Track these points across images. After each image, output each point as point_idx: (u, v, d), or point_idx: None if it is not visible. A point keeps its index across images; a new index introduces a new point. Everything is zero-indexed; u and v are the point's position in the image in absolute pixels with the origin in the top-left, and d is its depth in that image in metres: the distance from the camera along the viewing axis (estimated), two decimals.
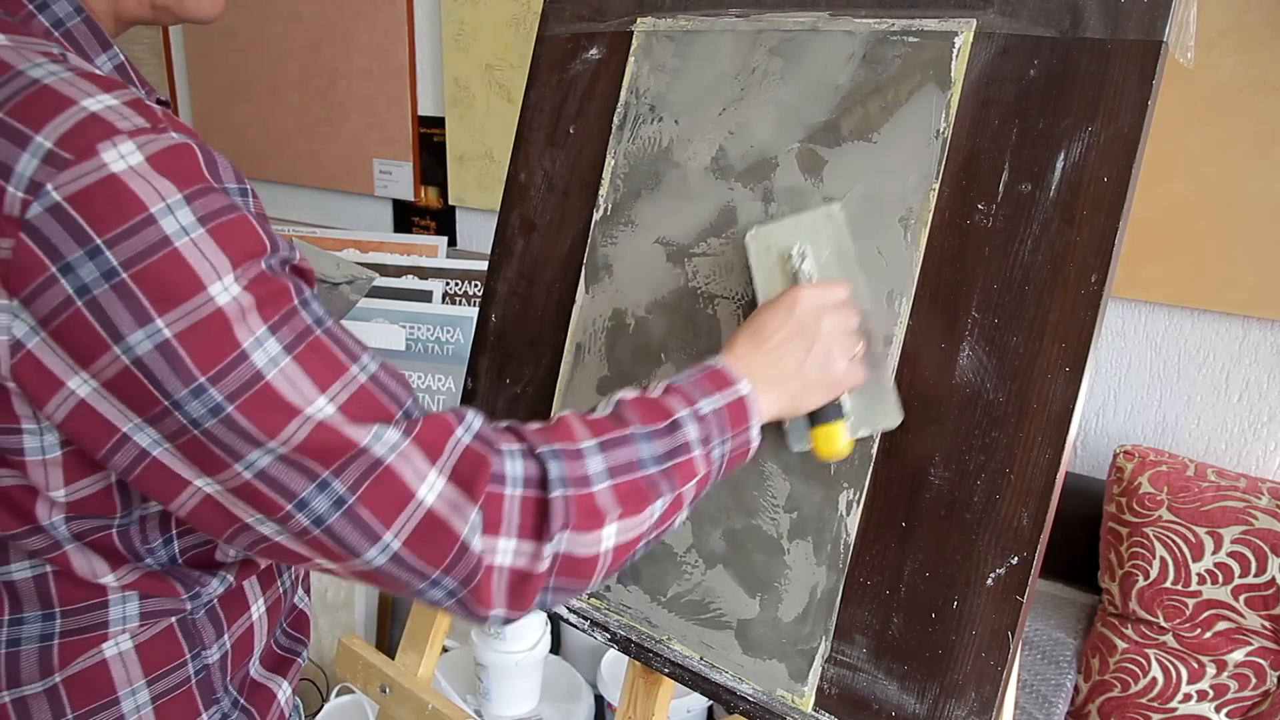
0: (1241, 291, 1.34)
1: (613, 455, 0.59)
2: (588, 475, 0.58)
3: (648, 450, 0.61)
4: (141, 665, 0.61)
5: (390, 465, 0.52)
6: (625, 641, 0.88)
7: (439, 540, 0.53)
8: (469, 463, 0.54)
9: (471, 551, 0.53)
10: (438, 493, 0.53)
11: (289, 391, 0.50)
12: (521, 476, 0.56)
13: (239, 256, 0.49)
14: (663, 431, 0.62)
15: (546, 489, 0.56)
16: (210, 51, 2.49)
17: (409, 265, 2.02)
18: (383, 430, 0.52)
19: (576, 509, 0.56)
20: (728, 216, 0.86)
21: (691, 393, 0.65)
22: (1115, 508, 1.35)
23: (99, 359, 0.48)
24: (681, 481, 0.62)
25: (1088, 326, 0.67)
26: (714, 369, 0.68)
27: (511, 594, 0.55)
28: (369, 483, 0.51)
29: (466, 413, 0.57)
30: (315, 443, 0.50)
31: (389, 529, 0.52)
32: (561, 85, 1.01)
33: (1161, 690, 1.30)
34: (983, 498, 0.71)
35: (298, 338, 0.51)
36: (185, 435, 0.49)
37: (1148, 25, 0.67)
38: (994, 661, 0.69)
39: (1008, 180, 0.72)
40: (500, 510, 0.54)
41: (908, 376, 0.75)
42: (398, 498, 0.52)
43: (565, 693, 1.62)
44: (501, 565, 0.54)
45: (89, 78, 0.50)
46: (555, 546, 0.55)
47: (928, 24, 0.77)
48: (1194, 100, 1.32)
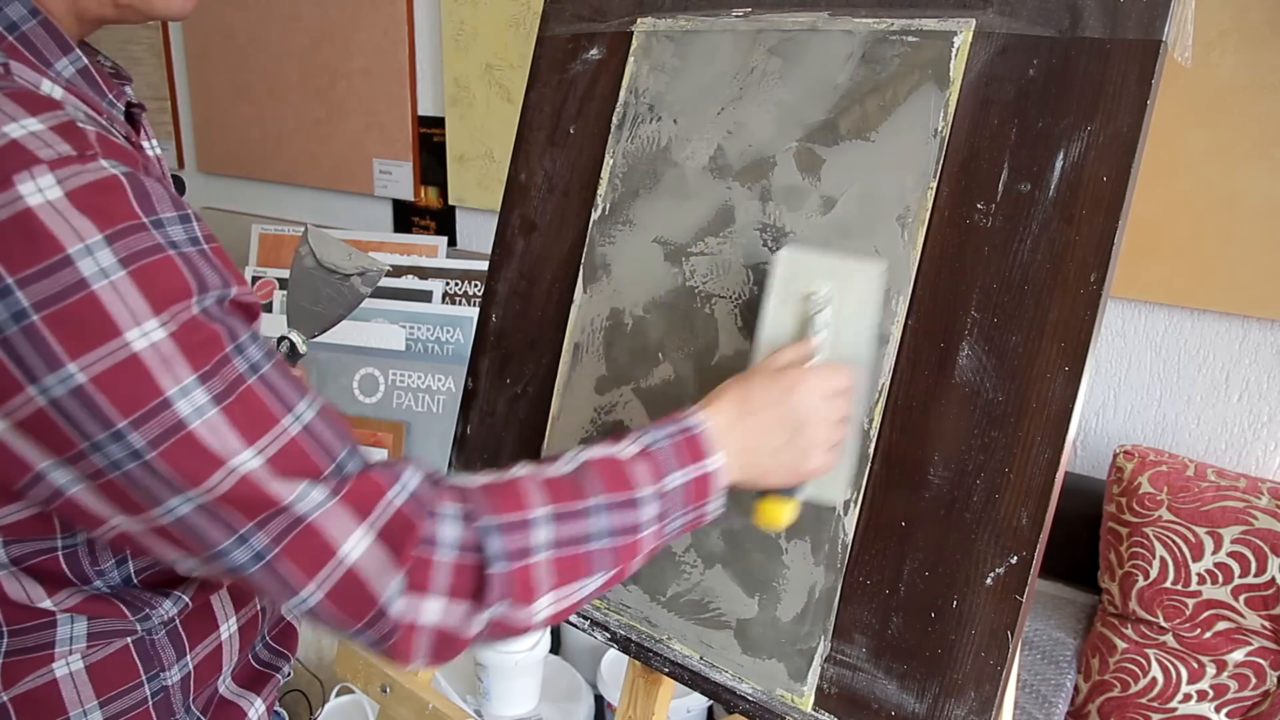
0: (1241, 291, 1.34)
1: (563, 528, 0.58)
2: (530, 548, 0.56)
3: (602, 524, 0.59)
4: (93, 686, 0.60)
5: (313, 523, 0.51)
6: (625, 641, 0.88)
7: (359, 598, 0.52)
8: (398, 524, 0.53)
9: (389, 615, 0.52)
10: (362, 550, 0.51)
11: (213, 442, 0.48)
12: (457, 542, 0.54)
13: (163, 301, 0.47)
14: (622, 506, 0.60)
15: (484, 561, 0.54)
16: (210, 51, 2.49)
17: (409, 265, 2.02)
18: (309, 489, 0.51)
19: (515, 583, 0.55)
20: (726, 216, 0.86)
21: (663, 464, 0.63)
22: (1115, 508, 1.35)
23: (12, 399, 0.46)
24: (626, 558, 0.61)
25: (1087, 326, 0.67)
26: (693, 434, 0.65)
27: (436, 650, 0.55)
28: (290, 539, 0.50)
29: (404, 471, 0.55)
30: (238, 495, 0.49)
31: (309, 583, 0.51)
32: (562, 85, 1.01)
33: (1161, 690, 1.30)
34: (982, 497, 0.71)
35: (228, 388, 0.49)
36: (104, 477, 0.48)
37: (1147, 25, 0.67)
38: (993, 661, 0.69)
39: (1007, 179, 0.72)
40: (429, 572, 0.53)
41: (907, 376, 0.75)
42: (319, 554, 0.51)
43: (565, 693, 1.62)
44: (427, 624, 0.53)
45: (17, 98, 0.47)
46: (490, 615, 0.55)
47: (926, 24, 0.77)
48: (1194, 100, 1.32)
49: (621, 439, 0.64)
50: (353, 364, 1.86)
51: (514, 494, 0.57)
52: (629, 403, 0.91)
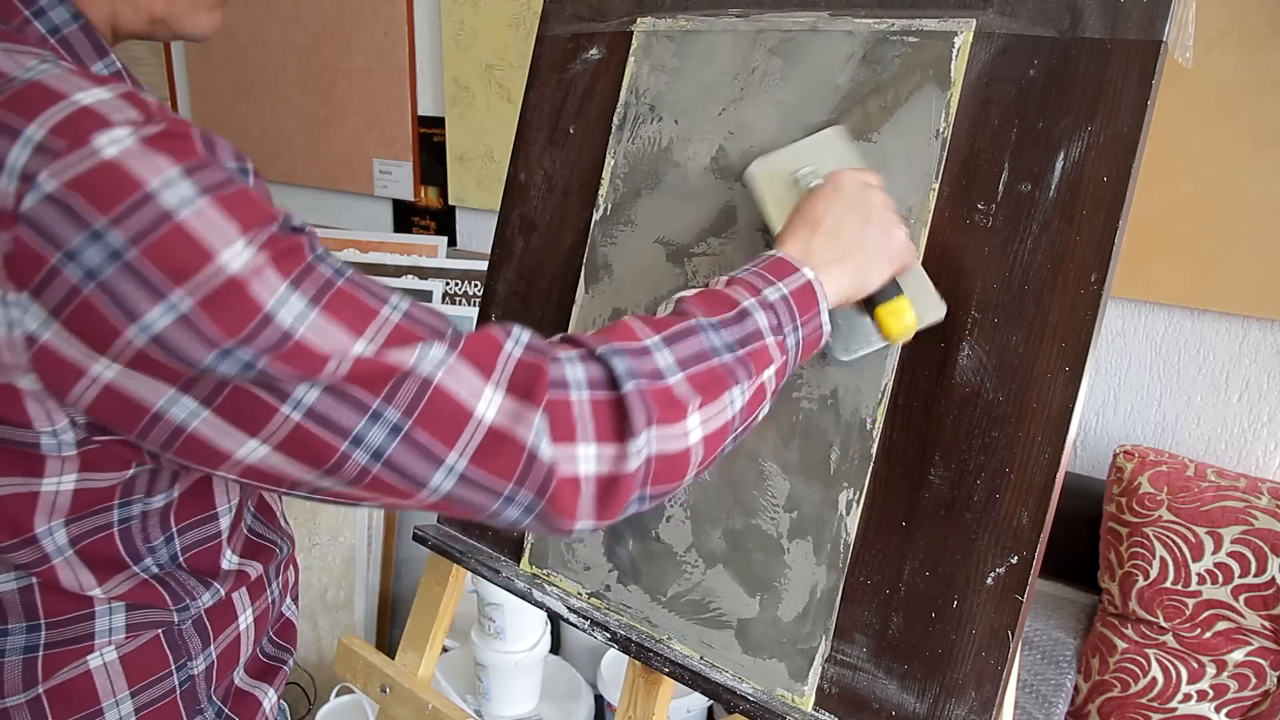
0: (1241, 291, 1.34)
1: (681, 347, 0.57)
2: (658, 369, 0.56)
3: (718, 339, 0.59)
4: (126, 676, 0.61)
5: (441, 384, 0.50)
6: (625, 641, 0.88)
7: (506, 454, 0.51)
8: (524, 373, 0.52)
9: (541, 460, 0.51)
10: (496, 407, 0.51)
11: (323, 343, 0.48)
12: (585, 379, 0.54)
13: (246, 222, 0.48)
14: (730, 320, 0.60)
15: (617, 387, 0.54)
16: (210, 51, 2.49)
17: (409, 265, 2.02)
18: (426, 349, 0.50)
19: (655, 401, 0.54)
20: (727, 216, 0.86)
21: (755, 282, 0.63)
22: (1115, 508, 1.35)
23: (118, 340, 0.47)
24: (759, 368, 0.60)
25: (1087, 326, 0.68)
26: (774, 258, 0.65)
27: (600, 501, 0.54)
28: (423, 404, 0.50)
29: (513, 327, 0.55)
30: (360, 373, 0.49)
31: (452, 449, 0.50)
32: (561, 85, 1.01)
33: (1161, 690, 1.30)
34: (982, 497, 0.71)
35: (320, 290, 0.49)
36: (221, 395, 0.48)
37: (1147, 25, 0.67)
38: (994, 661, 0.69)
39: (1007, 180, 0.72)
40: (570, 416, 0.52)
41: (908, 375, 0.75)
42: (455, 416, 0.50)
43: (565, 693, 1.62)
44: (584, 474, 0.53)
45: (81, 74, 0.49)
46: (642, 444, 0.53)
47: (927, 24, 0.77)
48: (1194, 100, 1.32)
49: (709, 282, 0.65)
50: None
51: (625, 329, 0.58)
52: None
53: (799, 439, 0.80)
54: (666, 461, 0.55)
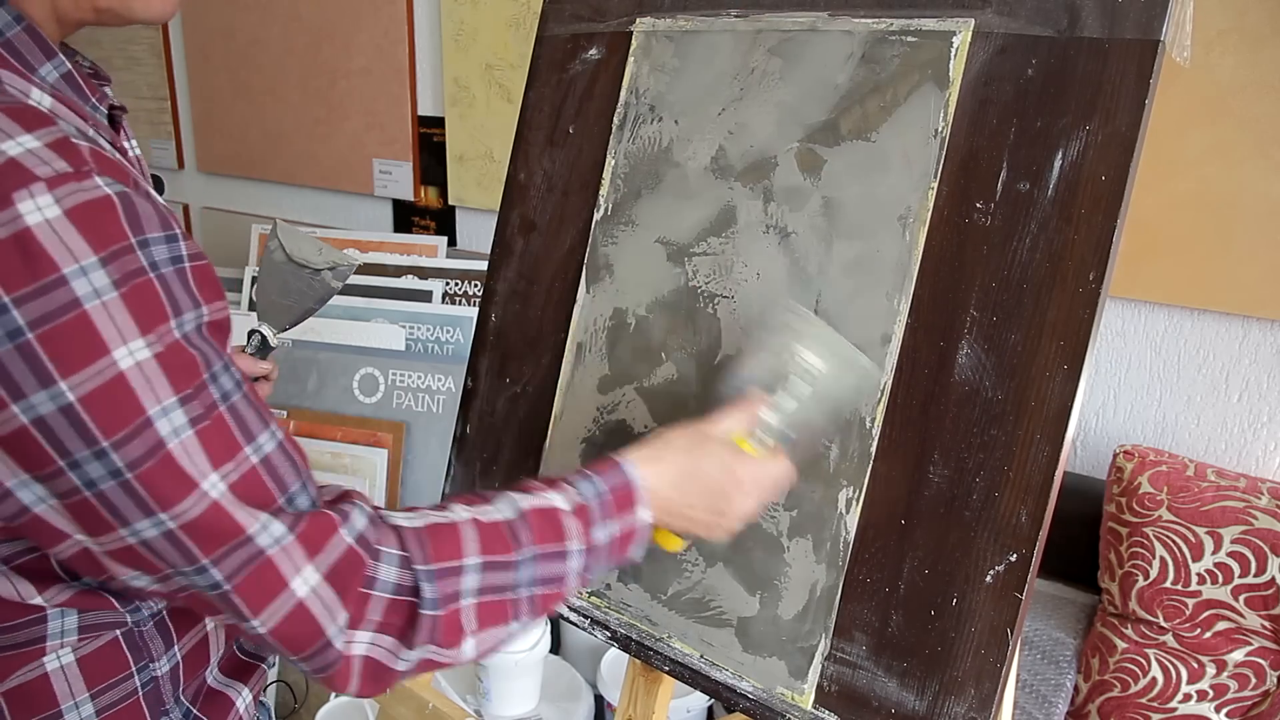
0: (1241, 291, 1.34)
1: (492, 576, 0.61)
2: (459, 592, 0.59)
3: (530, 574, 0.62)
4: (84, 678, 0.61)
5: (270, 557, 0.53)
6: (625, 639, 0.88)
7: (305, 632, 0.54)
8: (346, 564, 0.55)
9: (334, 647, 0.55)
10: (310, 588, 0.54)
11: (186, 464, 0.50)
12: (394, 584, 0.57)
13: (150, 322, 0.49)
14: (551, 557, 0.63)
15: (418, 604, 0.57)
16: (210, 51, 2.49)
17: (409, 265, 2.03)
18: (269, 521, 0.53)
19: (443, 627, 0.58)
20: (728, 216, 0.87)
21: (594, 518, 0.65)
22: (1115, 508, 1.35)
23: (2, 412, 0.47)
24: (548, 604, 0.64)
25: (1086, 324, 0.68)
26: (628, 490, 0.67)
27: (367, 680, 0.57)
28: (247, 573, 0.52)
29: (352, 511, 0.57)
30: (205, 522, 0.51)
31: (258, 615, 0.53)
32: (561, 85, 1.01)
33: (1161, 690, 1.30)
34: (981, 495, 0.71)
35: (204, 412, 0.51)
36: (76, 496, 0.49)
37: (1145, 25, 0.68)
38: (993, 658, 0.69)
39: (1006, 179, 0.72)
40: (366, 608, 0.56)
41: (907, 374, 0.76)
42: (272, 588, 0.53)
43: (565, 693, 1.62)
44: (362, 655, 0.57)
45: (12, 114, 0.48)
46: (418, 654, 0.58)
47: (926, 24, 0.77)
48: (1194, 100, 1.32)
49: (557, 486, 0.66)
50: (353, 364, 1.86)
51: (451, 539, 0.60)
52: (632, 402, 0.91)
53: None
54: (435, 665, 0.60)
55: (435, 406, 1.84)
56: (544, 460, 0.98)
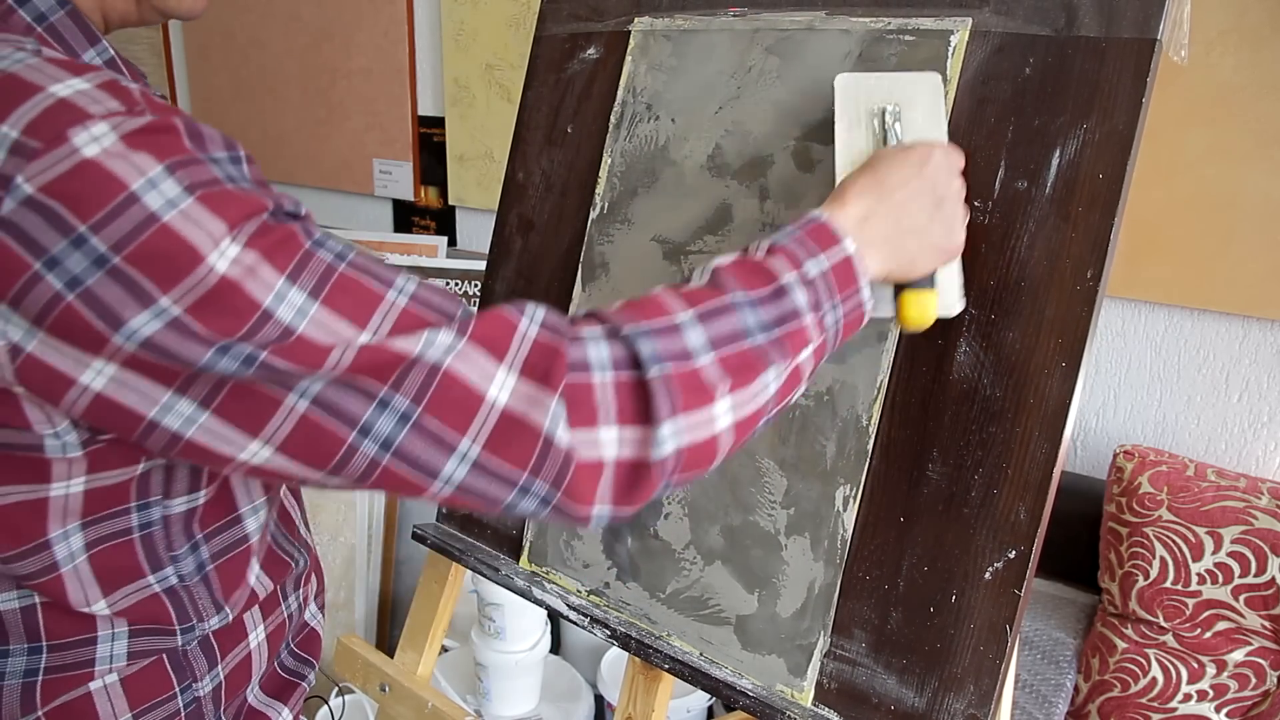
0: (1241, 291, 1.34)
1: (713, 326, 0.54)
2: (687, 349, 0.52)
3: (753, 318, 0.55)
4: (128, 699, 0.59)
5: (450, 369, 0.48)
6: (625, 638, 0.88)
7: (521, 440, 0.48)
8: (540, 354, 0.49)
9: (558, 447, 0.49)
10: (510, 390, 0.48)
11: (325, 336, 0.46)
12: (609, 360, 0.51)
13: (234, 218, 0.46)
14: (767, 298, 0.56)
15: (642, 369, 0.51)
16: (210, 51, 2.49)
17: (409, 265, 2.03)
18: (434, 335, 0.48)
19: (681, 386, 0.51)
20: (724, 214, 0.87)
21: (797, 253, 0.58)
22: (1115, 508, 1.35)
23: (106, 348, 0.45)
24: (794, 350, 0.56)
25: (1084, 322, 0.68)
26: (818, 224, 0.61)
27: (622, 488, 0.51)
28: (432, 391, 0.47)
29: (528, 305, 0.52)
30: (365, 363, 0.47)
31: (464, 435, 0.48)
32: (559, 85, 1.01)
33: (1161, 690, 1.30)
34: (980, 492, 0.71)
35: (320, 280, 0.47)
36: (220, 394, 0.46)
37: (1142, 23, 0.68)
38: (992, 655, 0.69)
39: (1004, 177, 0.72)
40: (591, 399, 0.50)
41: (905, 372, 0.76)
42: (466, 402, 0.48)
43: (565, 693, 1.62)
44: (606, 458, 0.50)
45: (59, 64, 0.47)
46: (668, 432, 0.51)
47: (924, 23, 0.77)
48: (1194, 100, 1.32)
49: (747, 248, 0.60)
50: None
51: (653, 305, 0.54)
52: None
53: (796, 435, 0.80)
54: (694, 450, 0.52)
55: None
56: None
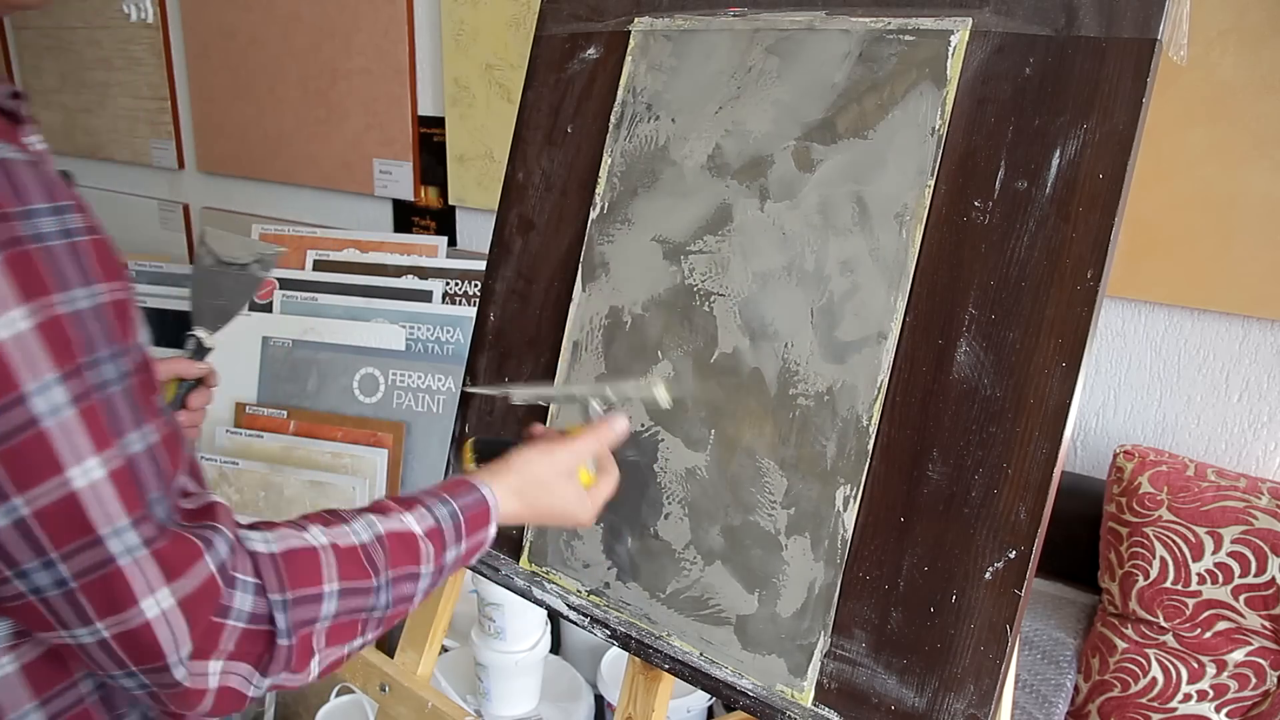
0: (1241, 291, 1.34)
1: (348, 602, 0.62)
2: (315, 619, 0.59)
3: (385, 598, 0.64)
4: (30, 687, 0.58)
5: (122, 569, 0.51)
6: (625, 638, 0.88)
7: (147, 651, 0.53)
8: (203, 593, 0.54)
9: (172, 675, 0.54)
10: (161, 611, 0.52)
11: (61, 445, 0.48)
12: (249, 613, 0.56)
13: (28, 293, 0.46)
14: (403, 579, 0.65)
15: (274, 636, 0.57)
16: (210, 51, 2.49)
17: (409, 265, 2.03)
18: (127, 530, 0.51)
19: (296, 654, 0.59)
20: (724, 214, 0.87)
21: (447, 540, 0.69)
22: (1115, 508, 1.35)
23: None
24: (390, 622, 0.66)
25: (1084, 322, 0.68)
26: (482, 509, 0.72)
27: (221, 705, 0.57)
28: (94, 577, 0.50)
29: (215, 537, 0.56)
30: (60, 512, 0.49)
31: (101, 621, 0.51)
32: (559, 85, 1.01)
33: (1161, 690, 1.30)
34: (980, 492, 0.71)
35: (82, 394, 0.49)
36: None
37: (1142, 23, 0.68)
38: (992, 655, 0.69)
39: (1004, 177, 0.72)
40: (218, 638, 0.55)
41: (905, 372, 0.76)
42: (119, 600, 0.51)
43: (565, 693, 1.62)
44: (211, 686, 0.56)
45: None
46: (271, 680, 0.58)
47: (923, 22, 0.77)
48: (1194, 100, 1.32)
49: (413, 508, 0.69)
50: (353, 364, 1.86)
51: (311, 567, 0.60)
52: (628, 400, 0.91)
53: (796, 435, 0.80)
54: (282, 688, 0.60)
55: (435, 406, 1.84)
56: None
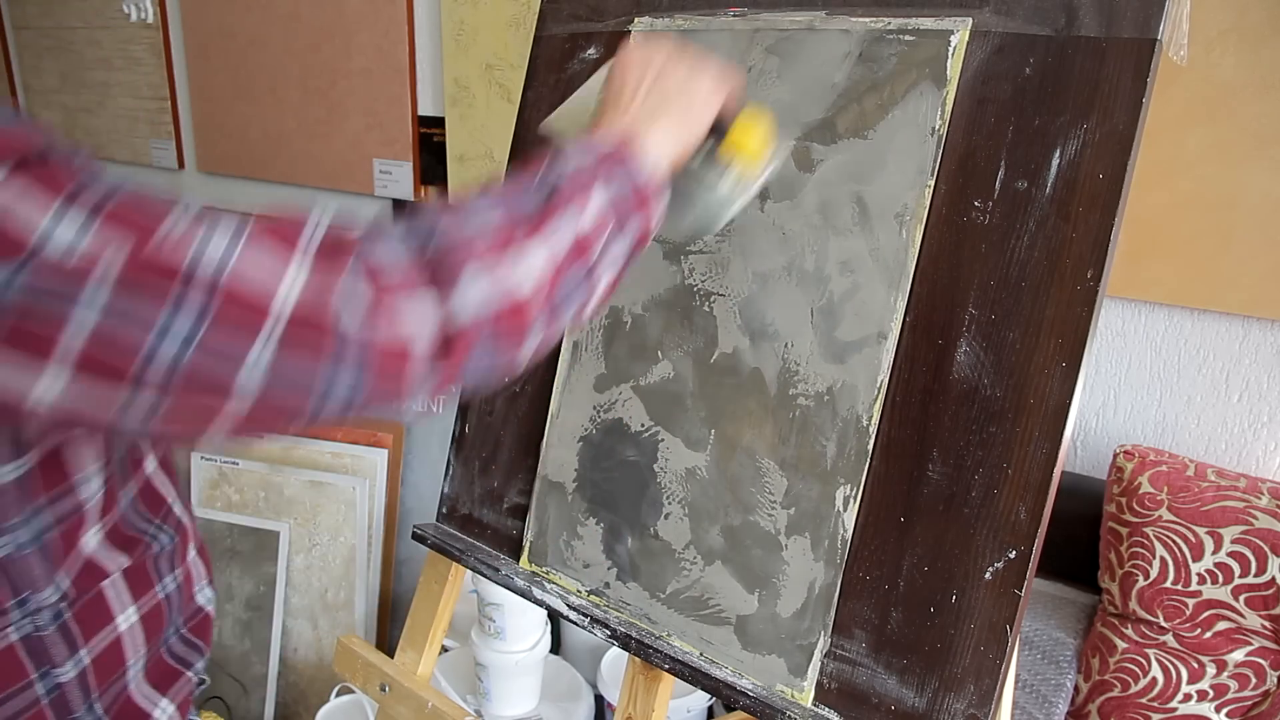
0: (1241, 291, 1.34)
1: (501, 200, 0.55)
2: (474, 221, 0.53)
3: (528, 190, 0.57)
4: None
5: (236, 266, 0.45)
6: (625, 638, 0.88)
7: (313, 329, 0.46)
8: (329, 243, 0.48)
9: (353, 335, 0.46)
10: (300, 286, 0.46)
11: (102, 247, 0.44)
12: (399, 236, 0.50)
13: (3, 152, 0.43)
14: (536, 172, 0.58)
15: (431, 239, 0.50)
16: (210, 51, 2.49)
17: None
18: (215, 238, 0.46)
19: (473, 243, 0.51)
20: None
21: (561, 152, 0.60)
22: (1115, 508, 1.35)
23: None
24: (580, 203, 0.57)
25: (1084, 322, 0.68)
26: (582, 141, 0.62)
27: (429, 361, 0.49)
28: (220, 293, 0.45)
29: (313, 209, 0.51)
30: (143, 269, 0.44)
31: (255, 341, 0.45)
32: (559, 85, 1.01)
33: (1161, 690, 1.30)
34: (980, 492, 0.71)
35: (99, 200, 0.45)
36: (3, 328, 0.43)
37: (1141, 23, 0.68)
38: (992, 655, 0.69)
39: (1004, 177, 0.72)
40: (384, 278, 0.48)
41: (905, 372, 0.76)
42: (254, 303, 0.45)
43: (565, 693, 1.62)
44: (409, 334, 0.48)
45: None
46: (467, 281, 0.50)
47: (924, 23, 0.77)
48: (1194, 100, 1.32)
49: None
50: None
51: (441, 203, 0.55)
52: (629, 400, 0.91)
53: (796, 435, 0.80)
54: (501, 302, 0.52)
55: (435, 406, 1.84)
56: (542, 459, 0.98)
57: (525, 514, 0.99)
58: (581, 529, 0.94)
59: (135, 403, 0.46)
